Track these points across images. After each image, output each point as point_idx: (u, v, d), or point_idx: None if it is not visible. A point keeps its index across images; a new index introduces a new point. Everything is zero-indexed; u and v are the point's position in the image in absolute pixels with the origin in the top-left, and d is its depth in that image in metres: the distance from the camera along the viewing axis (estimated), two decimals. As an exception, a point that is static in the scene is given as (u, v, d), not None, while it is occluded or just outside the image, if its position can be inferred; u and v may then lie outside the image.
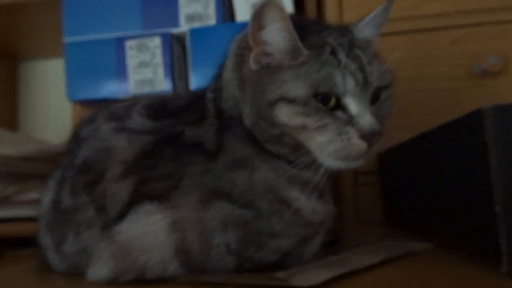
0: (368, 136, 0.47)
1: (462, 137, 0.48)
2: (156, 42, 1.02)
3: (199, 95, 0.58)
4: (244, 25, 0.54)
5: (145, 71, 1.02)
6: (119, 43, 1.02)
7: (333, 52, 0.49)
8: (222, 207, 0.49)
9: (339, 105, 0.49)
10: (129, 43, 1.02)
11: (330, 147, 0.48)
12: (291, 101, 0.48)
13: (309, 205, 0.52)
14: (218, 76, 0.58)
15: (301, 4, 1.02)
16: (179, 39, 1.03)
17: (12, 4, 1.15)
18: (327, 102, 0.48)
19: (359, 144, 0.48)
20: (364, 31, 0.55)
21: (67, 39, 1.03)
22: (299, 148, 0.50)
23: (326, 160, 0.49)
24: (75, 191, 0.53)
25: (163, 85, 1.00)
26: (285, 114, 0.49)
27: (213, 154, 0.51)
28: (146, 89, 1.01)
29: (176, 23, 1.02)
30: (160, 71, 1.01)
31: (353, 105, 0.48)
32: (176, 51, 1.03)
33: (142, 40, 1.02)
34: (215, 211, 0.48)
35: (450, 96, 0.92)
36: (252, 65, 0.51)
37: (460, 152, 0.49)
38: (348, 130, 0.48)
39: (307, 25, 0.54)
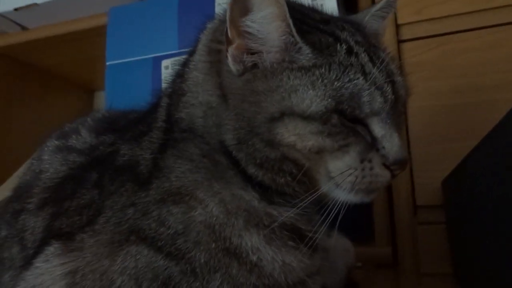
0: (395, 166, 0.37)
1: None
2: (191, 60, 0.96)
3: (157, 104, 0.47)
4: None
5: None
6: (156, 62, 0.99)
7: (350, 52, 0.37)
8: (138, 255, 0.35)
9: (360, 121, 0.37)
10: (165, 62, 0.98)
11: (348, 176, 0.36)
12: (305, 117, 0.36)
13: (276, 258, 0.37)
14: (178, 76, 0.45)
15: None
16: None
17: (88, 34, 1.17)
18: (349, 118, 0.37)
19: (382, 175, 0.37)
20: (373, 23, 0.45)
21: (109, 63, 1.03)
22: (302, 178, 0.38)
23: (335, 191, 0.38)
24: (7, 221, 0.44)
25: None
26: (293, 133, 0.36)
27: (146, 180, 0.38)
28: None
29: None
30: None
31: (378, 126, 0.37)
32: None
33: (177, 59, 0.97)
34: (126, 260, 0.35)
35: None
36: (232, 64, 0.39)
37: None
38: (371, 157, 0.36)
39: (306, 12, 0.42)
